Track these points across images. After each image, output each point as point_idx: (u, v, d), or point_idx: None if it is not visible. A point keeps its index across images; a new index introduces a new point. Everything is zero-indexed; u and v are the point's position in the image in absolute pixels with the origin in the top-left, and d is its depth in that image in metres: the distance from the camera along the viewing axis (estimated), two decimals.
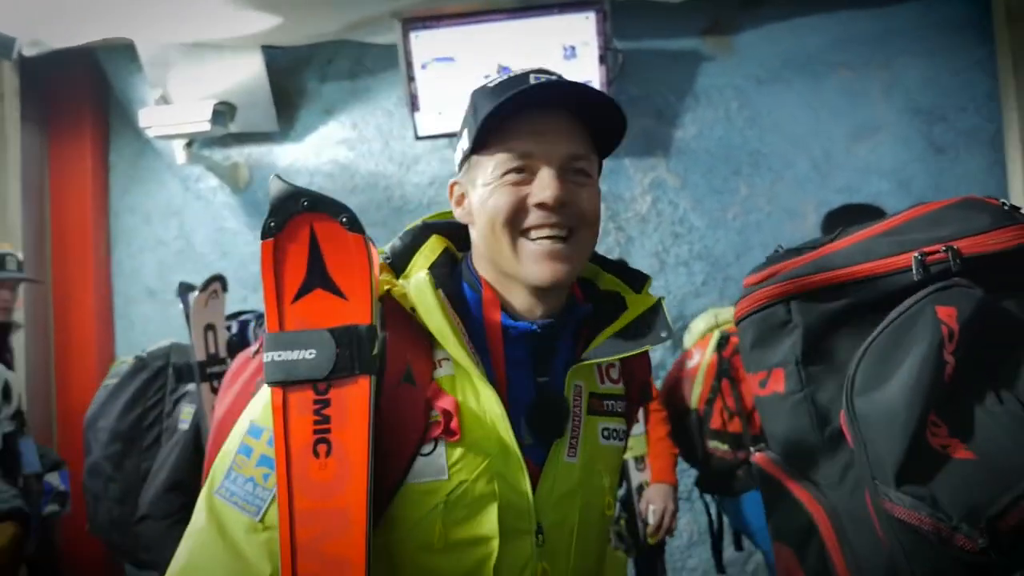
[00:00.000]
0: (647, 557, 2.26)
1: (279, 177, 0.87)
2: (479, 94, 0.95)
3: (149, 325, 3.61)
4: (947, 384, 0.89)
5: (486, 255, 0.95)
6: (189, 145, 3.32)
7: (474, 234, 0.97)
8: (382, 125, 3.52)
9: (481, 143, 0.93)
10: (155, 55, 3.27)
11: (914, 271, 0.95)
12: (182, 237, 3.61)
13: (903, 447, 0.87)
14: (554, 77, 0.92)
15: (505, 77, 0.94)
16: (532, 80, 0.91)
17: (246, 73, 3.28)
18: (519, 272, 0.92)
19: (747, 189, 3.30)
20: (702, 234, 3.31)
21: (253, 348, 1.91)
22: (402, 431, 0.87)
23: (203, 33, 3.14)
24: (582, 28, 3.03)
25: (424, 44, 3.08)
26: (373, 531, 0.85)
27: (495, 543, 0.88)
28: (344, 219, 0.85)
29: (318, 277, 0.85)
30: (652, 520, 2.18)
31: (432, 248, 1.00)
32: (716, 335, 2.42)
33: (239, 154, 3.58)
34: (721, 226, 3.31)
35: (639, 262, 3.25)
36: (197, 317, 2.23)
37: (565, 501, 0.94)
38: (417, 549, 0.87)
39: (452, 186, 1.00)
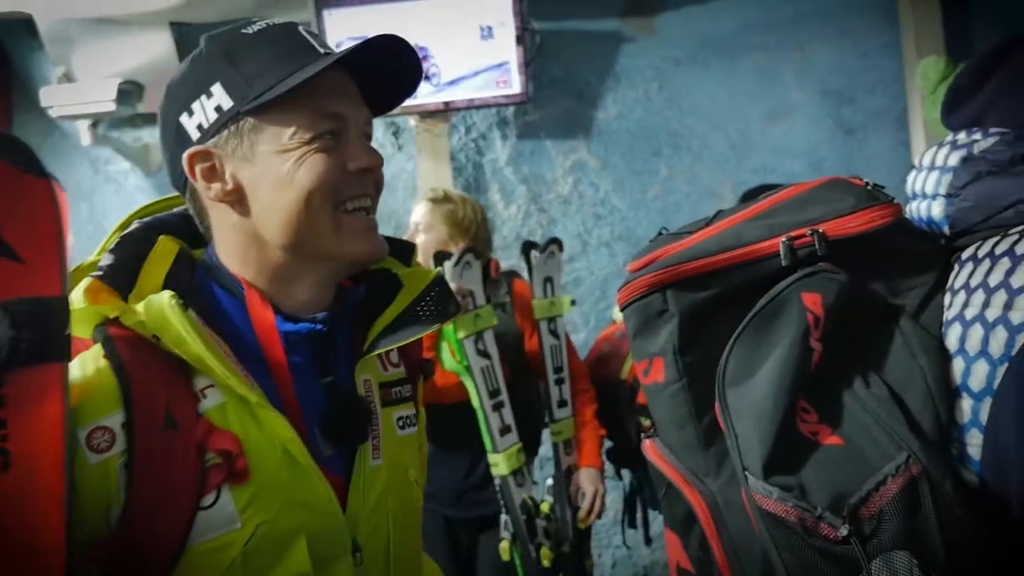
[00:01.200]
0: (573, 544, 2.26)
1: None
2: (239, 42, 0.80)
3: None
4: (814, 370, 0.90)
5: (288, 237, 0.81)
6: (95, 126, 3.18)
7: (232, 220, 0.82)
8: None
9: (267, 103, 0.77)
10: (56, 30, 3.12)
11: (782, 256, 0.94)
12: (92, 222, 3.47)
13: (770, 438, 0.86)
14: (391, 37, 0.81)
15: (265, 25, 0.81)
16: (303, 32, 0.80)
17: (154, 51, 3.16)
18: (341, 248, 0.81)
19: (667, 170, 3.34)
20: (624, 215, 3.34)
21: None
22: (171, 487, 0.72)
23: (107, 8, 3.01)
24: (499, 8, 3.00)
25: (338, 22, 3.01)
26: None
27: None
28: (19, 158, 0.65)
29: None
30: (584, 504, 2.18)
31: (163, 254, 0.82)
32: None
33: (151, 135, 3.45)
34: (642, 207, 3.34)
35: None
36: None
37: (377, 509, 0.84)
38: None
39: (192, 157, 0.80)
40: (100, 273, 0.77)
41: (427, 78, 3.05)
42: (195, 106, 0.80)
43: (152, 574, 0.72)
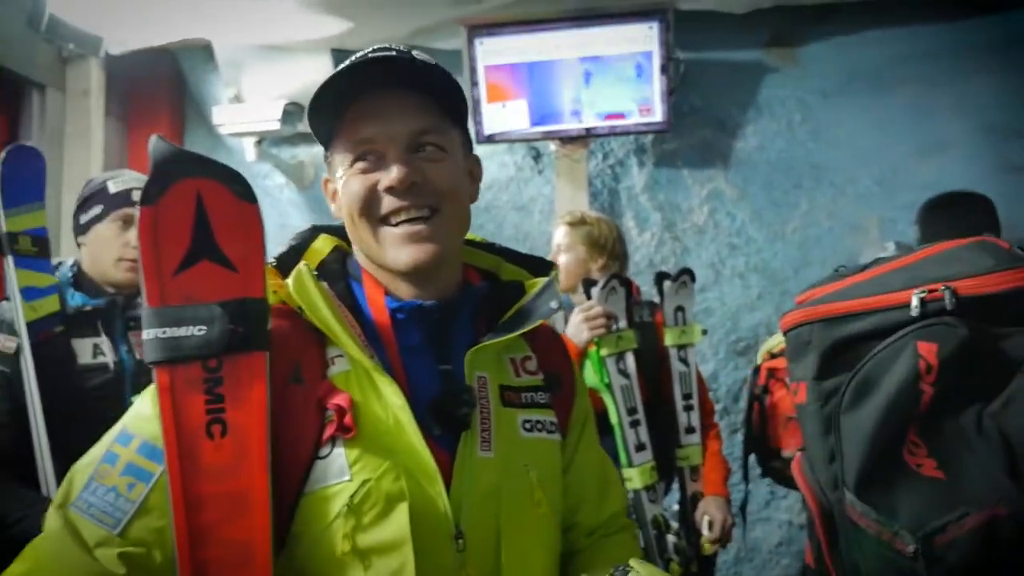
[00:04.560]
0: (700, 568, 2.25)
1: (160, 138, 0.80)
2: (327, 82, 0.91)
3: None
4: (927, 410, 1.00)
5: (358, 247, 0.95)
6: (259, 143, 3.44)
7: (348, 232, 0.96)
8: None
9: (329, 134, 0.91)
10: (230, 56, 3.41)
11: (912, 307, 1.03)
12: None
13: (868, 461, 1.00)
14: (392, 53, 0.88)
15: (347, 63, 0.90)
16: (371, 58, 0.88)
17: (316, 75, 3.36)
18: (385, 260, 0.90)
19: (808, 203, 3.25)
20: (760, 247, 3.27)
21: None
22: (295, 436, 0.82)
23: (276, 35, 3.26)
24: (645, 37, 3.04)
25: (489, 51, 3.14)
26: (277, 550, 0.81)
27: (408, 549, 0.80)
28: (236, 188, 0.80)
29: (205, 247, 0.79)
30: (708, 531, 2.18)
31: (320, 247, 0.96)
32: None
33: (306, 153, 3.69)
34: (780, 239, 3.26)
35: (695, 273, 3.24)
36: None
37: (486, 501, 0.86)
38: (326, 564, 0.81)
39: (325, 183, 0.97)
40: (272, 261, 0.92)
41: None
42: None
43: (279, 512, 0.80)
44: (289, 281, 0.86)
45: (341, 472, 0.81)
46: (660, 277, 2.30)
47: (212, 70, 3.59)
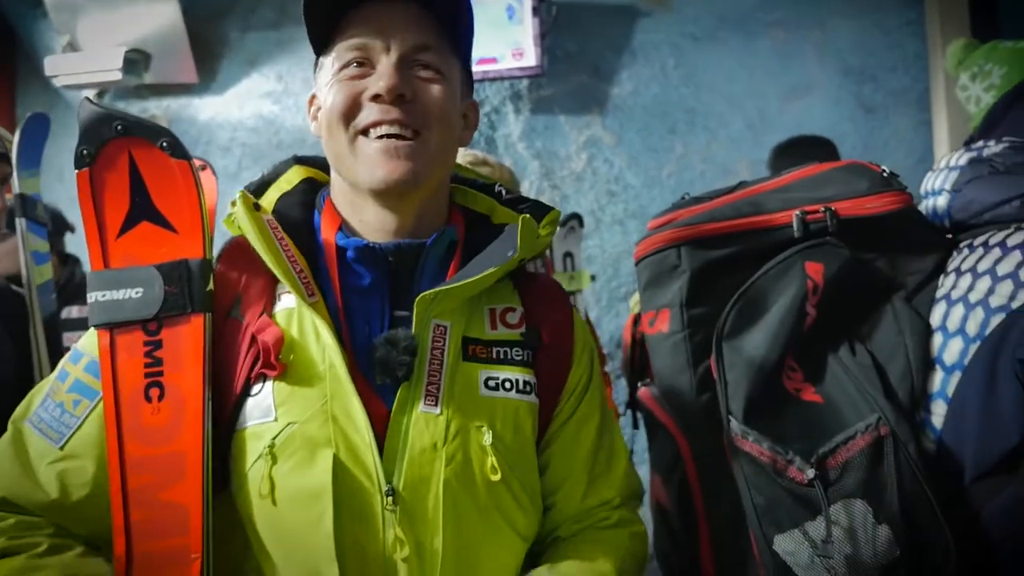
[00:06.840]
0: None
1: (88, 99, 0.80)
2: None
3: None
4: (806, 333, 0.97)
5: (332, 164, 0.89)
6: (101, 96, 3.13)
7: (324, 147, 0.90)
8: (309, 78, 3.35)
9: (324, 42, 0.88)
10: None
11: (795, 228, 1.01)
12: None
13: (756, 387, 0.95)
14: None
15: None
16: None
17: (161, 20, 3.10)
18: (358, 176, 0.84)
19: (682, 148, 3.28)
20: (637, 192, 3.29)
21: None
22: (229, 371, 0.80)
23: None
24: None
25: None
26: (222, 482, 0.80)
27: (327, 499, 0.75)
28: (164, 143, 0.79)
29: (143, 209, 0.80)
30: None
31: (289, 177, 0.93)
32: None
33: (157, 107, 3.40)
34: (656, 185, 3.29)
35: None
36: None
37: (423, 458, 0.79)
38: (248, 505, 0.78)
39: (311, 100, 0.93)
40: (247, 187, 0.90)
41: None
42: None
43: (218, 444, 0.80)
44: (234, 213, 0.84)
45: (267, 412, 0.78)
46: None
47: (42, 15, 3.22)
